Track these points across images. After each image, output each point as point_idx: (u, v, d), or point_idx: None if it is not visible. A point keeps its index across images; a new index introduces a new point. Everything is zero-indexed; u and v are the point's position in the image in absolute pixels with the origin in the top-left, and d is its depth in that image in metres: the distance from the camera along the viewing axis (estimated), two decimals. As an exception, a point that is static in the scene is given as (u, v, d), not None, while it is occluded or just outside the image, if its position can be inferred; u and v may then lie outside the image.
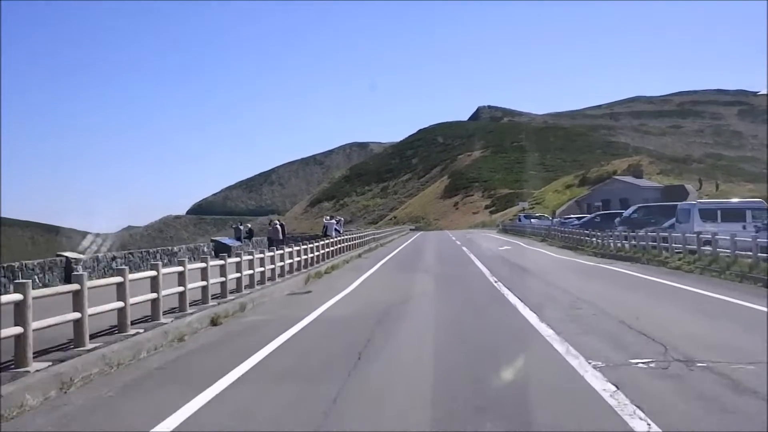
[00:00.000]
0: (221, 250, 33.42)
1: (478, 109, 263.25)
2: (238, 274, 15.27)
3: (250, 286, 16.27)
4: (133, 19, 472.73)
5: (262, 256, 17.48)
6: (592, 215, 44.46)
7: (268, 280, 17.65)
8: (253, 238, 39.62)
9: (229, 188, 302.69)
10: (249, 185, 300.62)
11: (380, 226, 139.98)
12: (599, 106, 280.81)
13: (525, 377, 6.92)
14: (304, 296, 16.57)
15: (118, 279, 9.73)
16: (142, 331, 9.77)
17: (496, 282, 17.50)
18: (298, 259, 21.74)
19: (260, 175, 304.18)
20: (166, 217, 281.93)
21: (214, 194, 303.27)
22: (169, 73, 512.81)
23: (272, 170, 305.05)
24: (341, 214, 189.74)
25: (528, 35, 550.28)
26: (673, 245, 21.98)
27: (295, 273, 20.70)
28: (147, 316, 10.80)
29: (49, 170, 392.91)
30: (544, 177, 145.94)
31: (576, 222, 43.20)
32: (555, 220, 51.76)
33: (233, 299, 14.04)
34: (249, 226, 43.05)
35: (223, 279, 14.18)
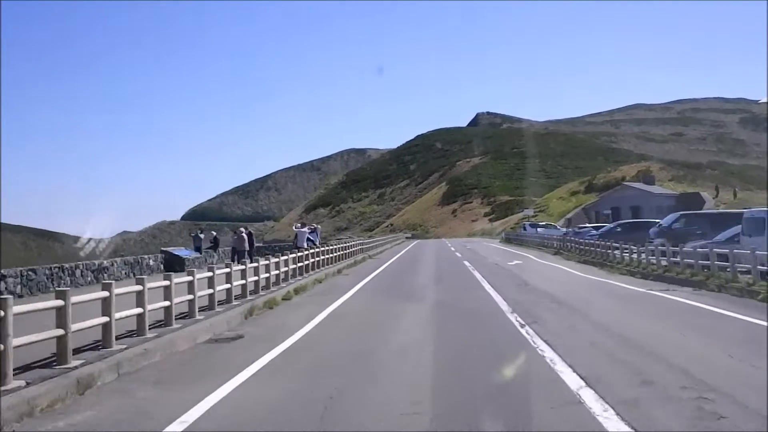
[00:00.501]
0: (173, 263, 27.37)
1: (477, 116, 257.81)
2: (105, 319, 9.16)
3: (138, 332, 10.21)
4: (130, 24, 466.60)
5: (167, 283, 11.38)
6: (613, 224, 38.39)
7: (177, 318, 11.56)
8: (220, 248, 33.54)
9: (225, 194, 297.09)
10: (245, 191, 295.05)
11: (376, 233, 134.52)
12: (599, 114, 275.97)
13: None
14: (224, 348, 10.46)
15: None
16: None
17: (522, 326, 11.36)
18: (242, 282, 15.61)
19: (256, 180, 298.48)
20: (160, 223, 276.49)
21: (210, 200, 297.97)
22: (167, 76, 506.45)
23: (269, 176, 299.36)
24: (337, 221, 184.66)
25: (527, 42, 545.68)
26: (759, 267, 15.84)
27: (235, 302, 14.60)
28: None
29: (42, 173, 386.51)
30: (544, 184, 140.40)
31: (594, 232, 37.06)
32: (569, 229, 45.58)
33: (74, 367, 7.91)
34: (214, 233, 36.91)
35: (60, 332, 8.07)
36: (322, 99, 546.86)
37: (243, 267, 15.92)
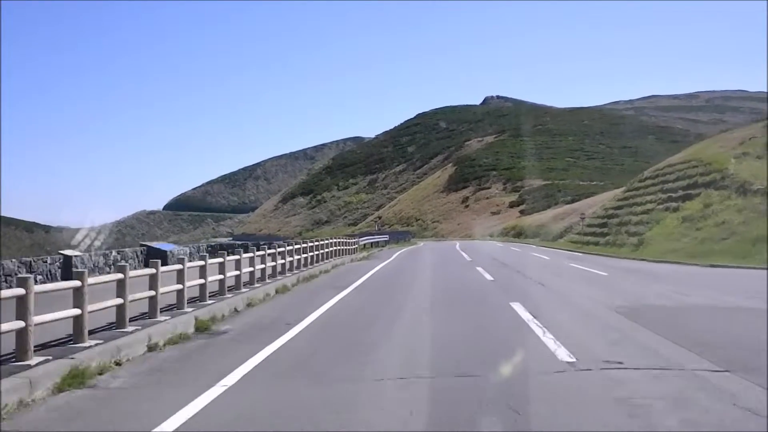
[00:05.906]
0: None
1: (486, 99, 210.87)
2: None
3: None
4: (119, 10, 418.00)
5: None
6: None
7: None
8: None
9: (210, 183, 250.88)
10: (232, 180, 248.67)
11: (360, 228, 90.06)
12: (617, 102, 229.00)
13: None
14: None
15: None
16: None
17: None
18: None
19: (244, 169, 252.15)
20: (139, 213, 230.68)
21: (194, 188, 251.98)
22: (154, 60, 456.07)
23: (258, 164, 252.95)
24: (318, 212, 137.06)
25: (539, 31, 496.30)
26: None
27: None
28: None
29: (16, 163, 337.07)
30: (585, 165, 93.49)
31: None
32: None
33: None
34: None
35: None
36: (321, 88, 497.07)
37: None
